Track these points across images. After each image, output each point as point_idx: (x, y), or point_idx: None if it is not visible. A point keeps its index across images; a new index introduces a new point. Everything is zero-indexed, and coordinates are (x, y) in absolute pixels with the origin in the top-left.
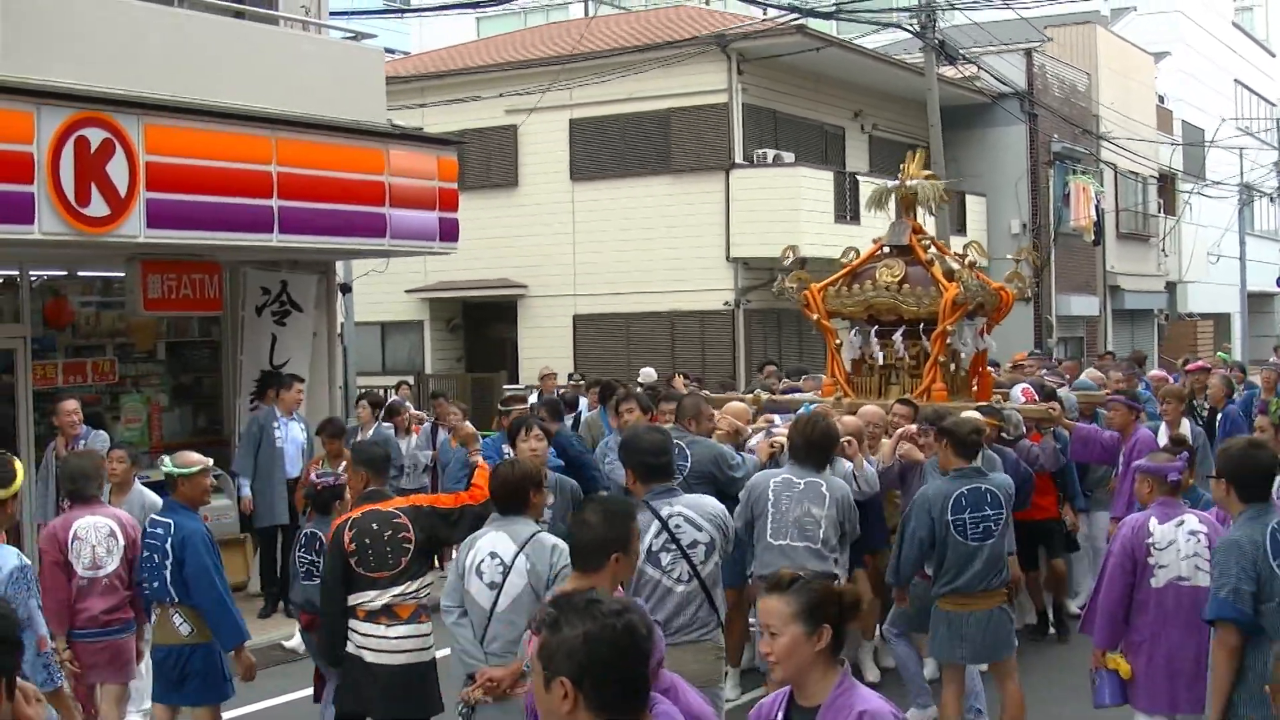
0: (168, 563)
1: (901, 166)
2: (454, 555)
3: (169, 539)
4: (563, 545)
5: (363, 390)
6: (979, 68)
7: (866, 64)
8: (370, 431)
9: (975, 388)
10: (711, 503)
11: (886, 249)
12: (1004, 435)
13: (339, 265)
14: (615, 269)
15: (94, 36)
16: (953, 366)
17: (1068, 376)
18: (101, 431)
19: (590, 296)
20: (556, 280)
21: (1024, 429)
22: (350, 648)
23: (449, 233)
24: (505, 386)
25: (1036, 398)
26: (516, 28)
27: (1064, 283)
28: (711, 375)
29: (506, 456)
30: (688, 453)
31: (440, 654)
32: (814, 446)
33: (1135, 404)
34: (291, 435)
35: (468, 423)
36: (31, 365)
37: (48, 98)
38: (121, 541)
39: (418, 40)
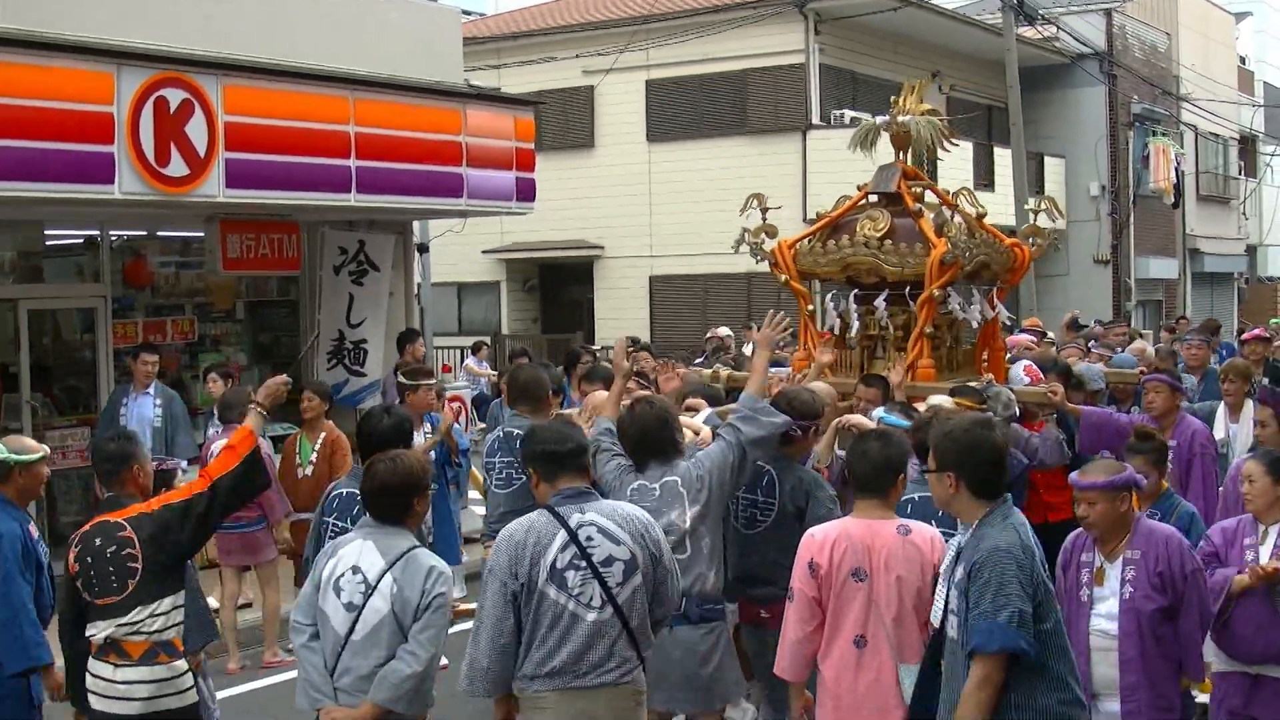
0: None
1: (893, 100)
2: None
3: None
4: (443, 568)
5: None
6: (1058, 28)
7: (945, 24)
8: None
9: (986, 364)
10: (635, 513)
11: (873, 197)
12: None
13: (416, 225)
14: (692, 230)
15: None
16: (951, 340)
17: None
18: None
19: (666, 258)
20: (633, 241)
21: (1015, 410)
22: (87, 687)
23: (526, 193)
24: (581, 347)
25: (1041, 376)
26: None
27: (1143, 245)
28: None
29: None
30: None
31: (287, 676)
32: (646, 441)
33: (1179, 385)
34: (139, 411)
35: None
36: (112, 324)
37: (127, 58)
38: None
39: (494, 1)
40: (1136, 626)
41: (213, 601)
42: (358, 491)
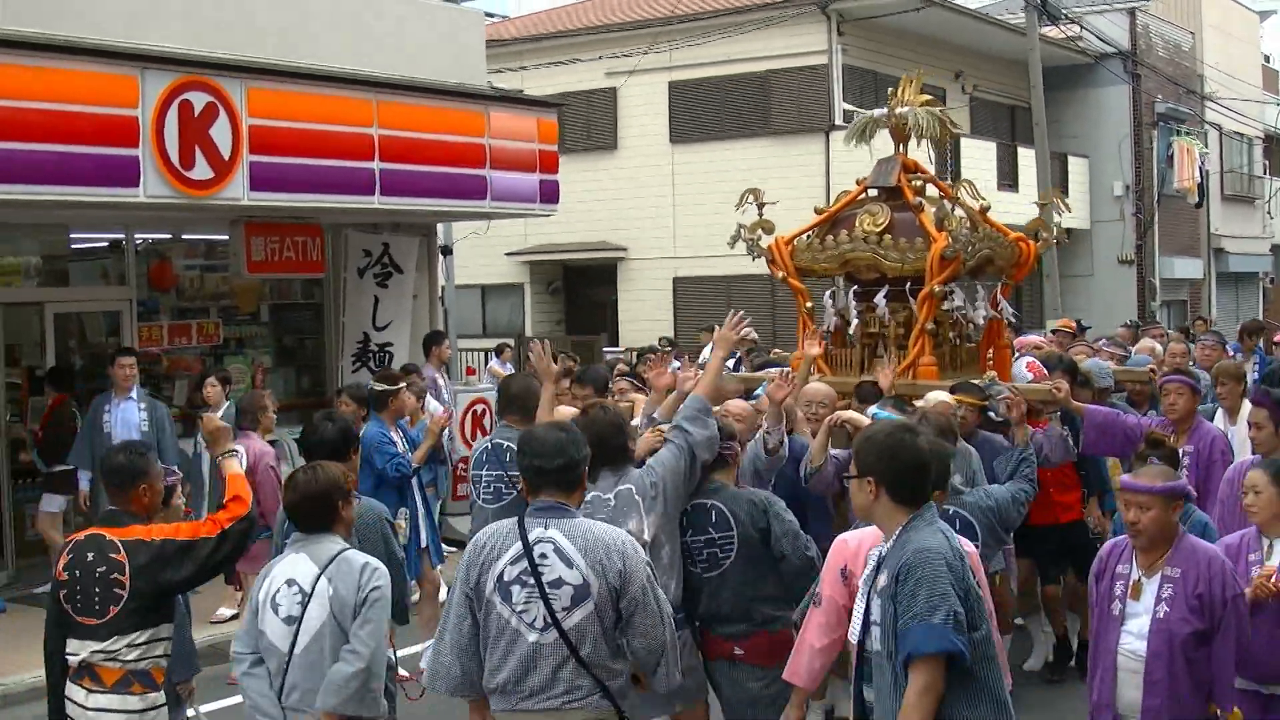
0: None
1: (891, 91)
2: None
3: None
4: (376, 564)
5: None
6: (1082, 27)
7: (968, 24)
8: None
9: (991, 362)
10: (604, 538)
11: (872, 191)
12: (992, 416)
13: (440, 228)
14: (715, 231)
15: (197, 0)
16: (955, 337)
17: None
18: None
19: (690, 259)
20: (656, 243)
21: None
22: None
23: (549, 195)
24: (605, 349)
25: (1045, 372)
26: None
27: (1167, 245)
28: None
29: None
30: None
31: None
32: (600, 449)
33: (1199, 387)
34: (124, 417)
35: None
36: (137, 327)
37: (152, 62)
38: (245, 462)
39: (517, 3)
40: (1168, 648)
41: (226, 610)
42: None
